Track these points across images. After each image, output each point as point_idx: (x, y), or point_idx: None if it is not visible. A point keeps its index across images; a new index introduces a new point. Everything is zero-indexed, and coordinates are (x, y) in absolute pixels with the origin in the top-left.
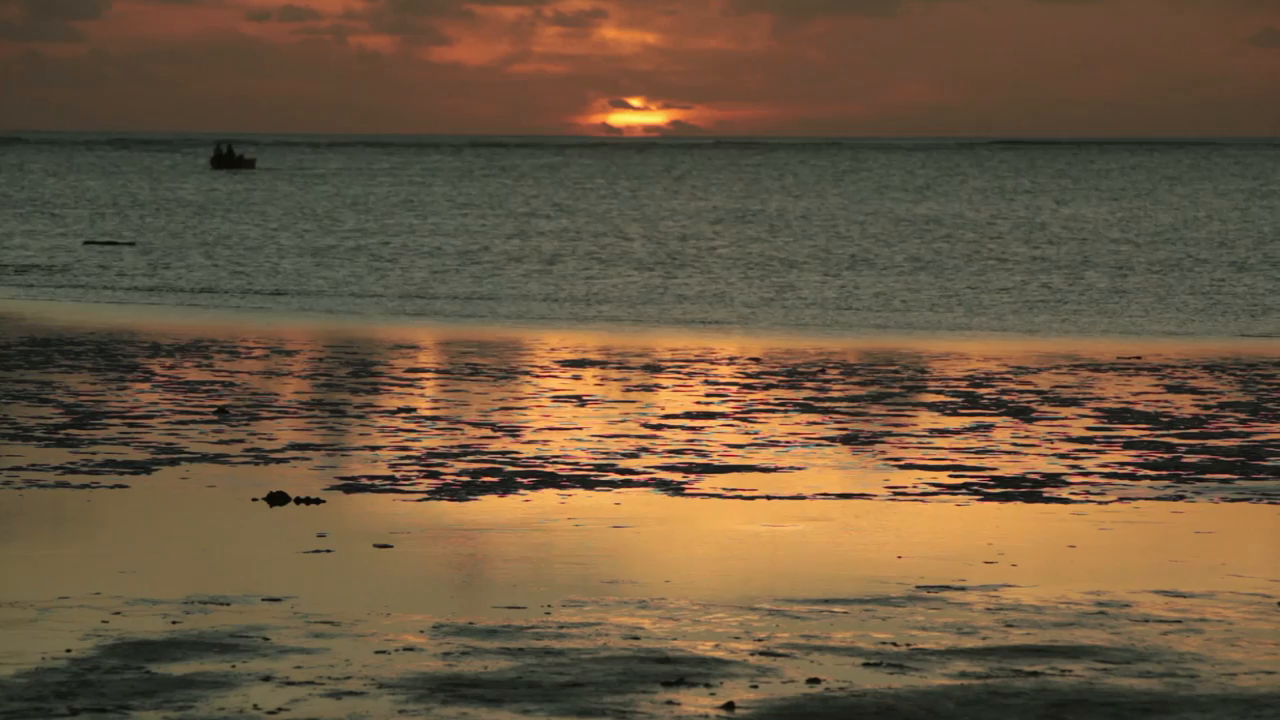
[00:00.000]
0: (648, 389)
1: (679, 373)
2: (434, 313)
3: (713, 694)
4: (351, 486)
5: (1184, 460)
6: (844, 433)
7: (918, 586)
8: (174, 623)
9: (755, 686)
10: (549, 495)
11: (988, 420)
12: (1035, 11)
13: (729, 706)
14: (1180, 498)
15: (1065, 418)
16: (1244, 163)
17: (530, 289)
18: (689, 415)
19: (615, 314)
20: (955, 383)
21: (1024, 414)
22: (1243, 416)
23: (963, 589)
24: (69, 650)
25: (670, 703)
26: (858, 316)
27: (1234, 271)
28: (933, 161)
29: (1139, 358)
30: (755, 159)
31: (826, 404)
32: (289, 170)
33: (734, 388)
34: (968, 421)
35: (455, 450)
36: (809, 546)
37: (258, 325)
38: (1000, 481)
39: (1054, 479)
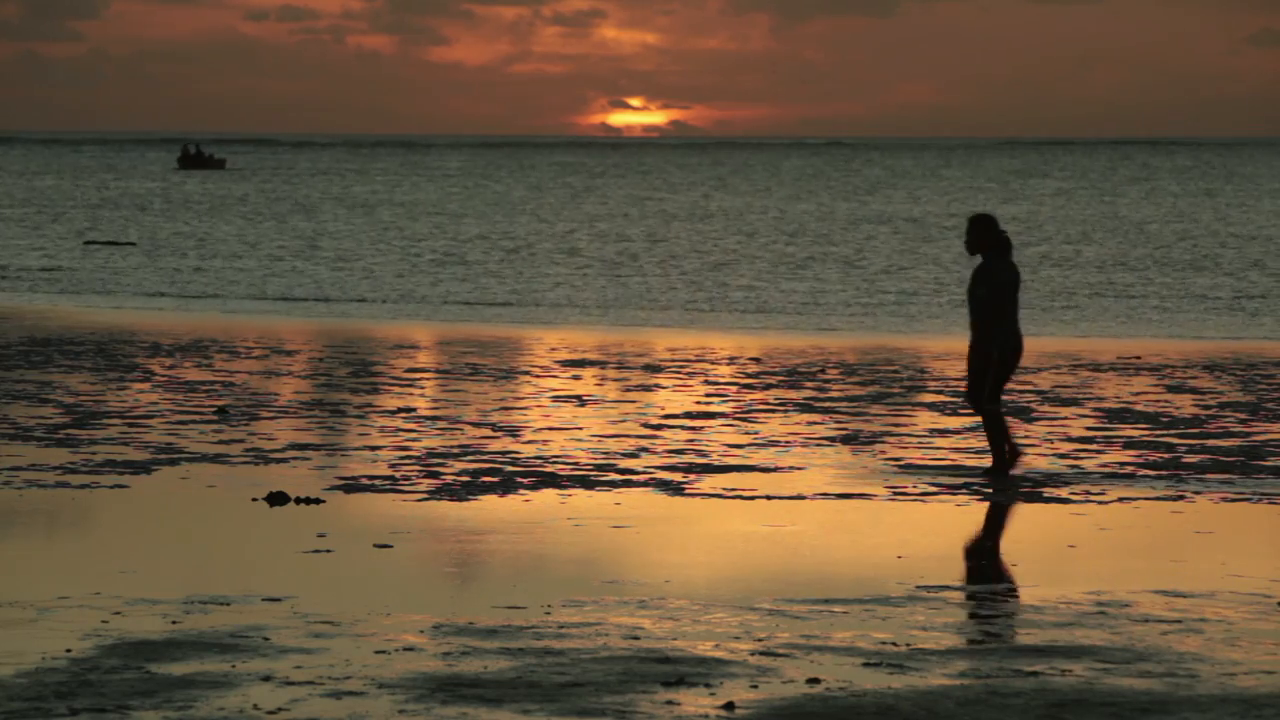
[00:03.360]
0: (647, 389)
1: (679, 373)
2: (338, 315)
3: (713, 694)
4: (351, 486)
5: (1184, 460)
6: (844, 433)
7: (918, 586)
8: (174, 623)
9: (755, 686)
10: (549, 495)
11: None
12: (1034, 11)
13: (729, 706)
14: (1180, 498)
15: (1065, 418)
16: (1239, 162)
17: (443, 290)
18: (689, 415)
19: (529, 316)
20: (955, 383)
21: (1024, 414)
22: (1243, 416)
23: (963, 589)
24: (69, 650)
25: (670, 703)
26: (774, 319)
27: (1233, 271)
28: (931, 161)
29: (1139, 358)
30: (745, 158)
31: (826, 404)
32: (262, 170)
33: (734, 388)
34: (968, 421)
35: (455, 450)
36: (809, 546)
37: (257, 325)
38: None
39: (1054, 479)
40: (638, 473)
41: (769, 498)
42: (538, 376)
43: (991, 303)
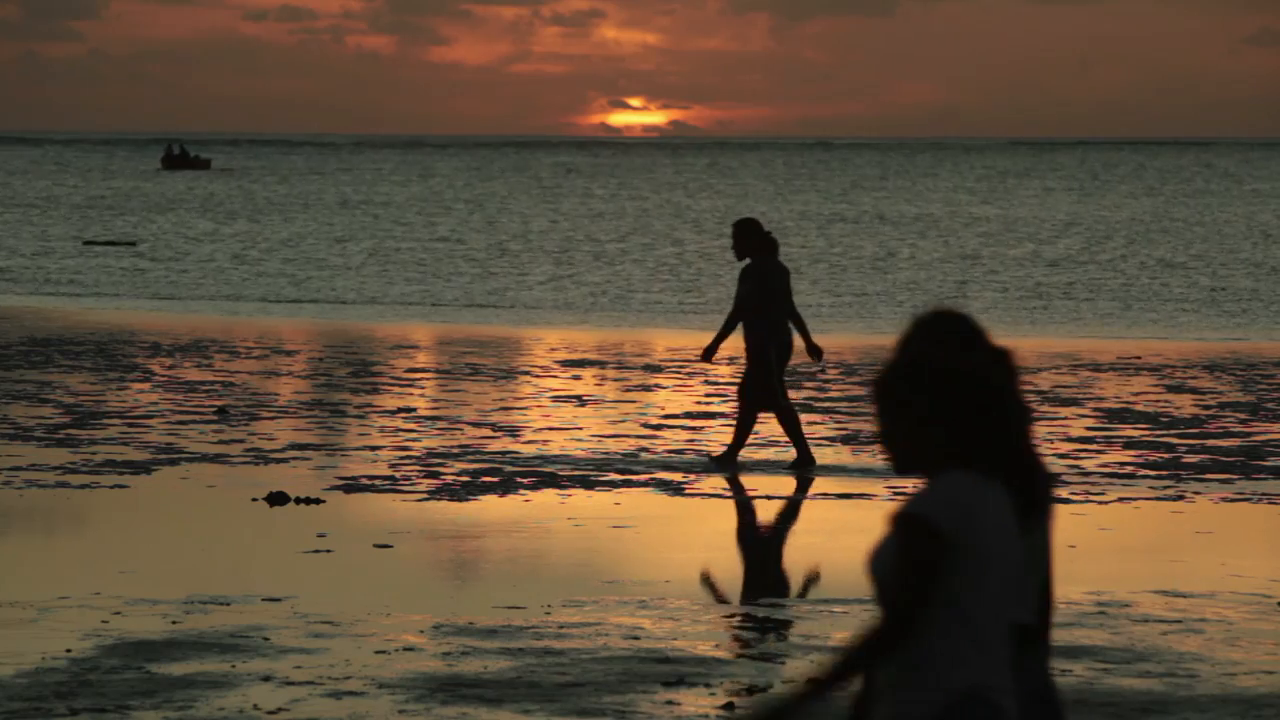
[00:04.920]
0: (647, 389)
1: (679, 373)
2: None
3: (713, 694)
4: (351, 486)
5: (1184, 460)
6: (844, 433)
7: None
8: (174, 623)
9: (755, 686)
10: (549, 495)
11: None
12: (1034, 11)
13: (729, 706)
14: (1180, 498)
15: (1065, 418)
16: (1238, 162)
17: (430, 290)
18: (689, 415)
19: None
20: None
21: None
22: (1243, 416)
23: None
24: (69, 650)
25: (670, 703)
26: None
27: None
28: (929, 161)
29: (1139, 358)
30: (737, 159)
31: (826, 404)
32: (252, 170)
33: (734, 388)
34: None
35: (455, 450)
36: (809, 546)
37: (257, 325)
38: None
39: (1054, 479)
40: (638, 473)
41: (769, 498)
42: (538, 376)
43: (760, 301)
